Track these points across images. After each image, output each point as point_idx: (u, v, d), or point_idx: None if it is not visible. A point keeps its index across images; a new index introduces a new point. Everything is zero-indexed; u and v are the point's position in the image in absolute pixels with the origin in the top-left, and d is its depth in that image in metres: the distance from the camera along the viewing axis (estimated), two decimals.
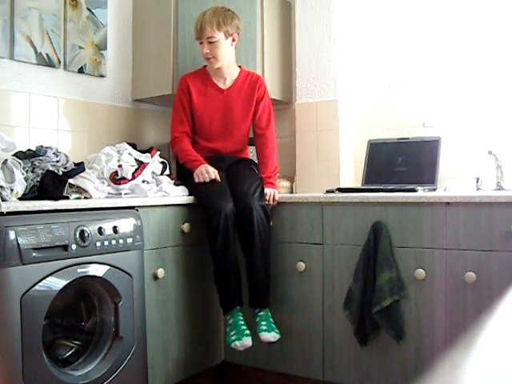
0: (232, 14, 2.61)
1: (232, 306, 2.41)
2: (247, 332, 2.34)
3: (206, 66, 2.72)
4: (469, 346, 0.48)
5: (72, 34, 2.75)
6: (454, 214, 2.18)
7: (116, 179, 2.38)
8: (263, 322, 2.40)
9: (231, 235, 2.38)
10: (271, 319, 2.43)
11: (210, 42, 2.55)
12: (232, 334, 2.35)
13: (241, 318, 2.40)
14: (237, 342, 2.31)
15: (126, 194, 2.38)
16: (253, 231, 2.40)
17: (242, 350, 2.34)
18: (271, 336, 2.37)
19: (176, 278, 2.44)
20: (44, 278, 1.82)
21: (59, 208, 1.94)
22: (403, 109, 2.98)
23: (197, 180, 2.49)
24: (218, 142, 2.69)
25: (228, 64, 2.66)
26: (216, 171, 2.50)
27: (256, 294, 2.45)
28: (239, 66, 2.74)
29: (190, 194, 2.53)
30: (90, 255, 1.98)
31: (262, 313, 2.44)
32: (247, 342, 2.32)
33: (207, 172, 2.48)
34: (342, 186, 2.87)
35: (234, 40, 2.62)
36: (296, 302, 2.55)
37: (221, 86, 2.69)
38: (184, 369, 2.49)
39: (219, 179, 2.48)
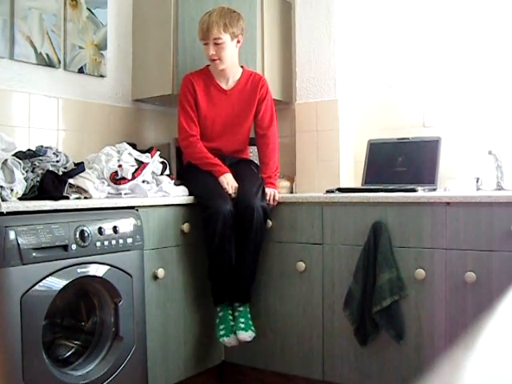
0: (237, 16, 2.61)
1: (223, 301, 2.51)
2: (234, 329, 2.47)
3: (208, 65, 2.72)
4: (469, 346, 0.48)
5: (72, 34, 2.75)
6: (454, 213, 2.17)
7: (116, 179, 2.38)
8: (242, 320, 2.49)
9: (228, 237, 2.42)
10: (249, 315, 2.51)
11: (216, 44, 2.54)
12: (221, 327, 2.47)
13: (230, 312, 2.51)
14: (225, 338, 2.45)
15: (126, 194, 2.38)
16: (250, 231, 2.43)
17: (228, 347, 2.51)
18: (248, 336, 2.46)
19: (176, 278, 2.44)
20: (44, 278, 1.82)
21: (59, 208, 1.94)
22: (403, 109, 2.98)
23: (225, 187, 2.50)
24: (219, 142, 2.69)
25: (232, 65, 2.66)
26: (236, 186, 2.51)
27: (240, 289, 2.52)
28: (241, 66, 2.74)
29: (189, 194, 2.53)
30: (89, 255, 1.98)
31: (241, 308, 2.51)
32: (233, 340, 2.46)
33: (231, 187, 2.50)
34: (342, 185, 2.87)
35: (238, 42, 2.63)
36: (296, 301, 2.55)
37: (224, 86, 2.69)
38: (184, 369, 2.49)
39: (234, 195, 2.49)
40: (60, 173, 2.12)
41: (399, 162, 2.84)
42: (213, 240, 2.39)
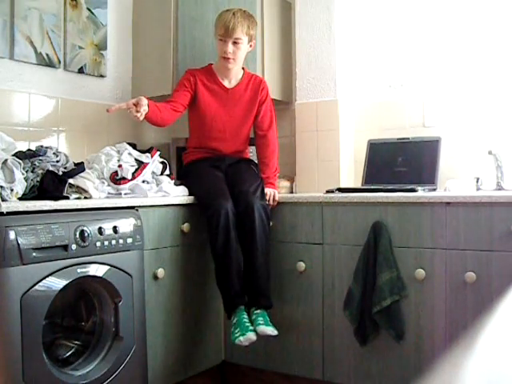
0: (255, 21, 2.67)
1: (236, 307, 2.38)
2: (251, 328, 2.31)
3: (211, 64, 2.72)
4: (469, 345, 0.48)
5: (72, 34, 2.75)
6: (454, 213, 2.18)
7: (116, 179, 2.38)
8: (260, 318, 2.37)
9: (232, 234, 2.37)
10: (268, 317, 2.39)
11: (236, 43, 2.56)
12: (236, 331, 2.31)
13: (245, 315, 2.37)
14: (241, 338, 2.27)
15: (126, 194, 2.38)
16: (254, 230, 2.39)
17: (246, 345, 2.30)
18: (269, 329, 2.32)
19: (176, 278, 2.44)
20: (44, 278, 1.82)
21: (59, 208, 1.94)
22: (403, 109, 2.98)
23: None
24: (219, 142, 2.69)
25: (238, 66, 2.68)
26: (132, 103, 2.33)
27: (258, 295, 2.43)
28: (242, 68, 2.75)
29: (190, 194, 2.53)
30: (89, 255, 1.98)
31: (258, 311, 2.40)
32: (251, 335, 2.28)
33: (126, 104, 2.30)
34: (342, 186, 2.87)
35: (251, 46, 2.66)
36: (296, 302, 2.55)
37: (226, 85, 2.70)
38: (184, 369, 2.49)
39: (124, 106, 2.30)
40: (60, 173, 2.12)
41: (399, 162, 2.84)
42: (217, 238, 2.35)
